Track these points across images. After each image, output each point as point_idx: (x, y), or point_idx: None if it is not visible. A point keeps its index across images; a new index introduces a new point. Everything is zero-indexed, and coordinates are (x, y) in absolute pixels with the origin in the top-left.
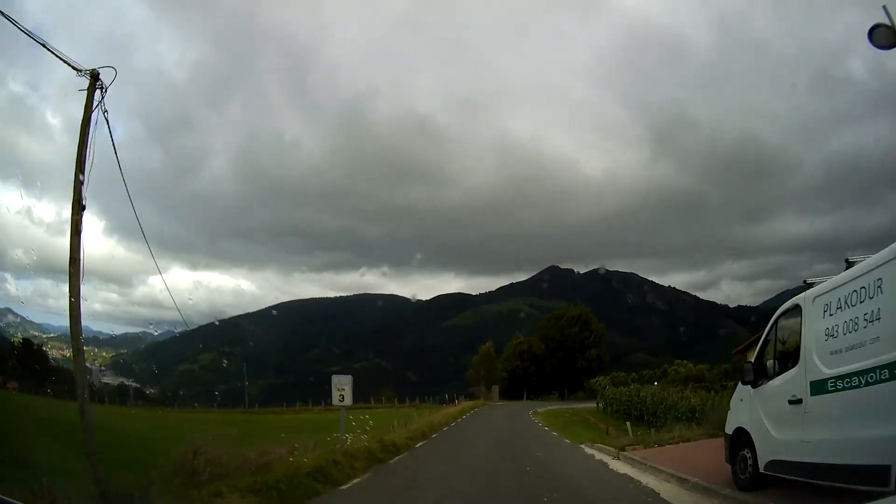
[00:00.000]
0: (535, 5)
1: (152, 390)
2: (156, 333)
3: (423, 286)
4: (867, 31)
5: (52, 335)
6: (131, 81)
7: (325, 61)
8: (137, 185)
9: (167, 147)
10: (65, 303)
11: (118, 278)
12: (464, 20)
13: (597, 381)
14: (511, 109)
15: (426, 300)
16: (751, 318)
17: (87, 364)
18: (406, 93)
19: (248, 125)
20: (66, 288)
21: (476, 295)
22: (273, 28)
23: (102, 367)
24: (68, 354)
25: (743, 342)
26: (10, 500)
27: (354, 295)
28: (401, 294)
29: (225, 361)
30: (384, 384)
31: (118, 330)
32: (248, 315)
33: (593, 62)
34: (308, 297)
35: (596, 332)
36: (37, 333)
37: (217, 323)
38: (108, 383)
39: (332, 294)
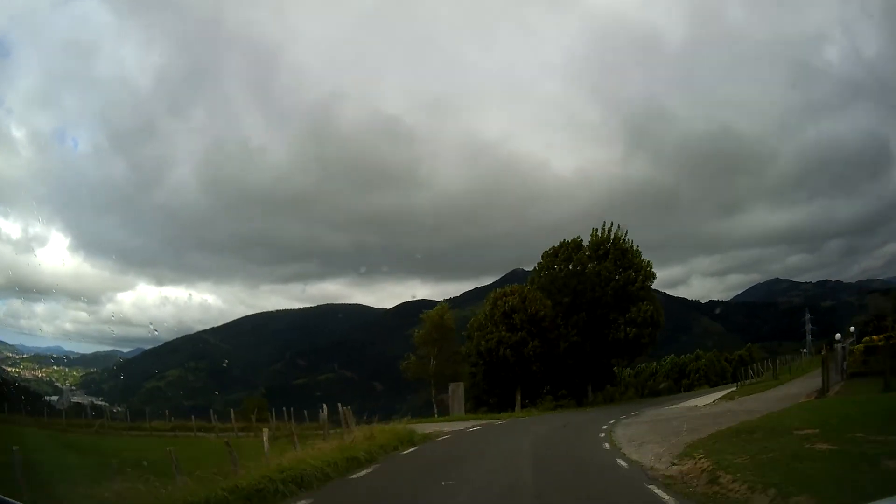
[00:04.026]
0: (503, 1)
1: (119, 408)
2: (125, 351)
3: (389, 294)
4: None
5: (24, 356)
6: (95, 90)
7: (290, 65)
8: (102, 198)
9: (131, 157)
10: (36, 323)
11: (86, 296)
12: (431, 18)
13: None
14: (480, 109)
15: (389, 308)
16: (724, 313)
17: (58, 384)
18: (373, 96)
19: (212, 133)
20: (36, 307)
21: (439, 301)
22: (237, 32)
23: (73, 387)
24: (41, 375)
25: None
26: (11, 500)
27: (318, 306)
28: (365, 303)
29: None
30: (350, 396)
31: (89, 349)
32: (213, 330)
33: (564, 58)
34: (273, 309)
35: (643, 270)
36: (10, 354)
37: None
38: (78, 402)
39: (297, 305)
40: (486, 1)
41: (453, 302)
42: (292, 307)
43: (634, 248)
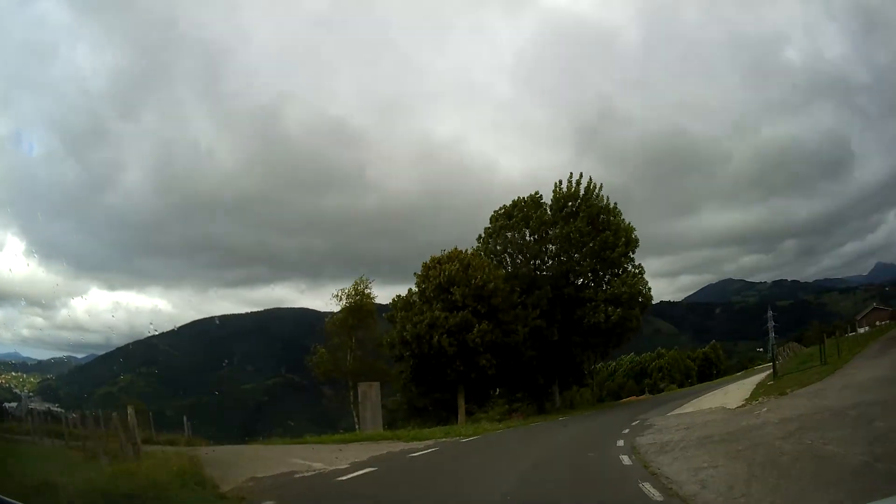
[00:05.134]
0: (457, 3)
1: (74, 415)
2: (79, 356)
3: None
4: None
5: None
6: (51, 92)
7: (240, 66)
8: (56, 201)
9: (84, 161)
10: None
11: (41, 301)
12: (384, 19)
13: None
14: (431, 111)
15: (336, 312)
16: (676, 314)
17: (17, 391)
18: (323, 97)
19: (163, 135)
20: None
21: (386, 304)
22: (190, 33)
23: (31, 394)
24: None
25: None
26: (11, 500)
27: (265, 310)
28: (312, 307)
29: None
30: (299, 401)
31: (45, 354)
32: (163, 334)
33: (517, 60)
34: (220, 313)
35: (624, 234)
36: None
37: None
38: (33, 408)
39: (245, 310)
40: (439, 2)
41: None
42: (240, 311)
43: (611, 205)
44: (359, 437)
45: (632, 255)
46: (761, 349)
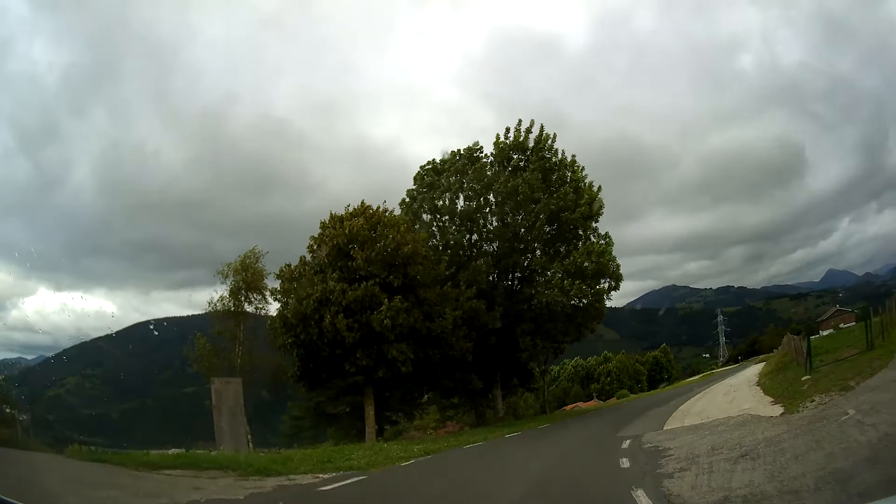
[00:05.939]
0: (401, 3)
1: (24, 417)
2: (29, 358)
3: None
4: None
5: None
6: (6, 88)
7: (187, 66)
8: (7, 200)
9: (35, 158)
10: None
11: None
12: (327, 21)
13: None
14: (373, 113)
15: (272, 315)
16: (618, 320)
17: None
18: (266, 99)
19: (111, 135)
20: None
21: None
22: (140, 31)
23: None
24: None
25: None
26: (10, 500)
27: (206, 313)
28: (250, 310)
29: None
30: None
31: None
32: (108, 337)
33: (460, 64)
34: (163, 315)
35: (587, 193)
36: None
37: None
38: None
39: (187, 312)
40: (383, 5)
41: None
42: (182, 314)
43: (569, 159)
44: (178, 462)
45: (595, 224)
46: (707, 355)
